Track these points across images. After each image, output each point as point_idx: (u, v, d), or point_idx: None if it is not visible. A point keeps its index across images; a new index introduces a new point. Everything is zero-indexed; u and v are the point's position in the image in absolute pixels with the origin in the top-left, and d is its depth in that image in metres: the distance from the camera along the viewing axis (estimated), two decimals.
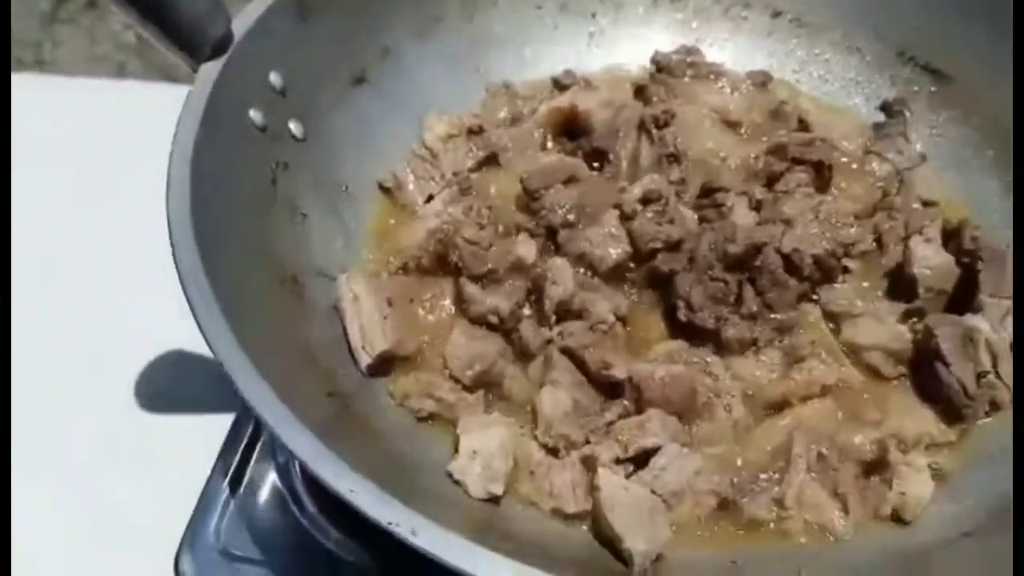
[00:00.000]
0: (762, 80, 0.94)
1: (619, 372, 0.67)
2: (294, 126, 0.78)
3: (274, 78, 0.76)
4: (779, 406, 0.70)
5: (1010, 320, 0.71)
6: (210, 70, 0.69)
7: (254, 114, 0.73)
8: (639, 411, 0.67)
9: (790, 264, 0.74)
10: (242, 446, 0.77)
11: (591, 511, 0.62)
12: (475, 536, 0.58)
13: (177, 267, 0.57)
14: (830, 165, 0.83)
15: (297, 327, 0.67)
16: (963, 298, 0.74)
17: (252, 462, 0.76)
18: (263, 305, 0.65)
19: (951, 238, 0.77)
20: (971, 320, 0.70)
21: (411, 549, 0.47)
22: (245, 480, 0.75)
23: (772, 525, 0.63)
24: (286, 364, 0.61)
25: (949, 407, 0.68)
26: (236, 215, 0.67)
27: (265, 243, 0.70)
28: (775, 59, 0.97)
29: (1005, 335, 0.70)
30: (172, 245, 0.59)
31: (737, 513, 0.64)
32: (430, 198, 0.83)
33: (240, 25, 0.73)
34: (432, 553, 0.47)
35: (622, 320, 0.73)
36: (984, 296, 0.72)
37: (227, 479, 0.75)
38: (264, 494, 0.75)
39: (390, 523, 0.47)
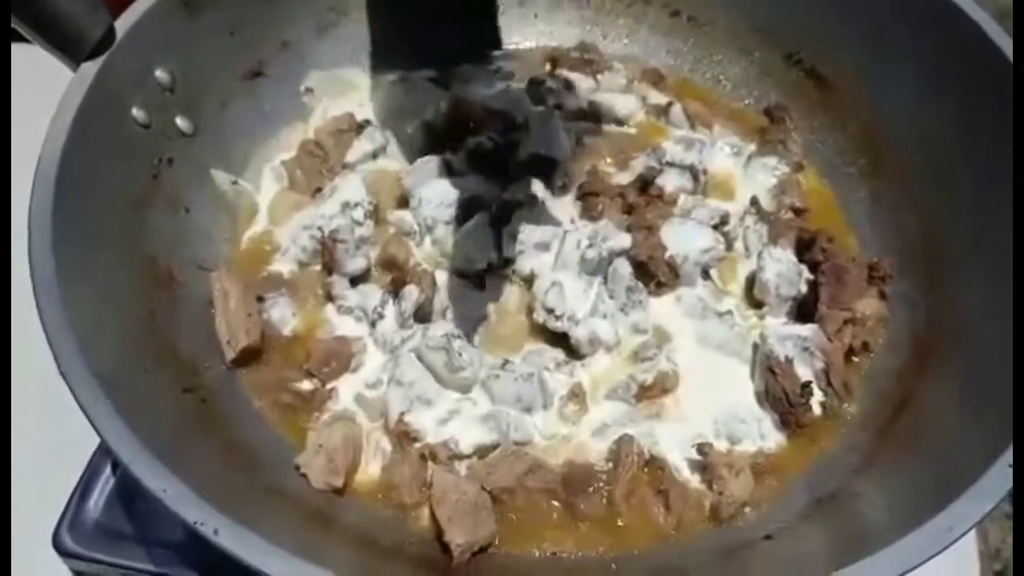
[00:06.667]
0: (655, 79, 0.96)
1: (469, 374, 0.71)
2: (181, 121, 0.80)
3: (160, 74, 0.78)
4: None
5: (848, 331, 0.75)
6: (88, 70, 0.71)
7: (137, 112, 0.75)
8: None
9: (645, 270, 0.77)
10: None
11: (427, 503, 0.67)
12: (309, 525, 0.63)
13: (31, 269, 0.61)
14: (704, 169, 0.86)
15: (163, 321, 0.70)
16: (809, 307, 0.77)
17: None
18: (124, 301, 0.67)
19: (806, 248, 0.80)
20: (805, 330, 0.74)
21: None
22: None
23: (600, 521, 0.67)
24: (137, 359, 0.64)
25: (777, 412, 0.72)
26: (106, 213, 0.70)
27: (138, 238, 0.73)
28: (673, 57, 1.00)
29: (839, 345, 0.74)
30: (29, 244, 0.62)
31: (569, 509, 0.68)
32: (317, 190, 0.86)
33: (123, 24, 0.75)
34: (232, 552, 0.50)
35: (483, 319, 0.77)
36: (823, 307, 0.75)
37: (111, 457, 0.79)
38: None
39: (195, 521, 0.51)
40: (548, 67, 0.98)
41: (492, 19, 0.99)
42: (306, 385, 0.73)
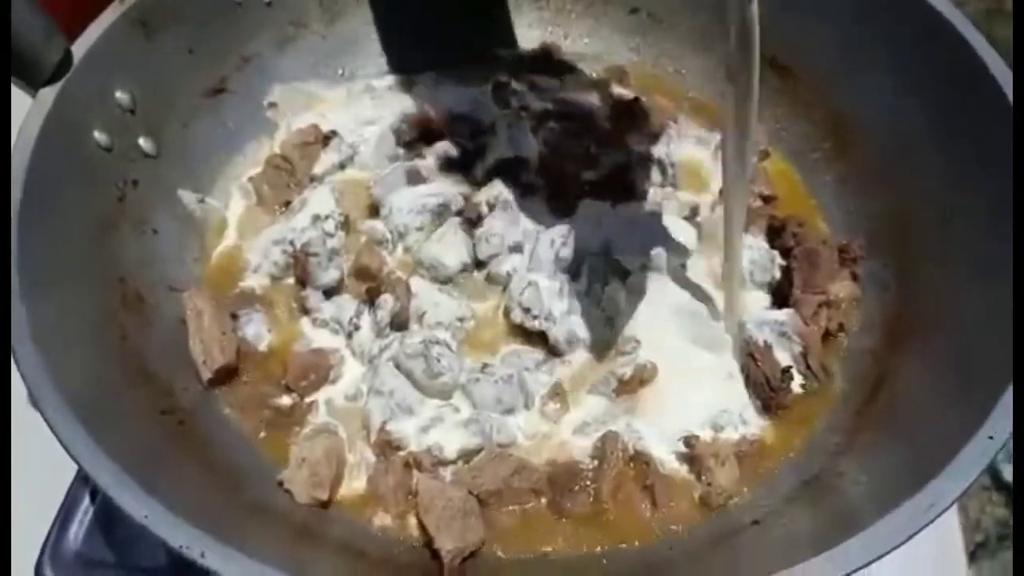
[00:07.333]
0: (618, 76, 0.97)
1: (448, 379, 0.71)
2: (144, 143, 0.79)
3: (120, 96, 0.77)
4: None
5: (824, 313, 0.75)
6: (46, 96, 0.70)
7: (98, 135, 0.74)
8: None
9: (618, 264, 0.77)
10: None
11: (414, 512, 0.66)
12: (297, 541, 0.63)
13: None
14: (672, 162, 0.87)
15: (136, 343, 0.69)
16: (783, 292, 0.78)
17: None
18: (94, 325, 0.66)
19: (777, 234, 0.81)
20: (781, 315, 0.74)
21: None
22: None
23: (589, 518, 0.67)
24: (110, 382, 0.64)
25: (759, 398, 0.72)
26: (72, 237, 0.69)
27: (106, 261, 0.72)
28: (635, 54, 1.00)
29: (815, 328, 0.74)
30: None
31: (556, 508, 0.68)
32: (286, 204, 0.85)
33: (80, 47, 0.74)
34: (219, 573, 0.50)
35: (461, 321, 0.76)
36: (797, 291, 0.76)
37: (90, 486, 0.78)
38: None
39: (180, 546, 0.51)
40: (512, 69, 0.98)
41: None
42: (285, 400, 0.72)
